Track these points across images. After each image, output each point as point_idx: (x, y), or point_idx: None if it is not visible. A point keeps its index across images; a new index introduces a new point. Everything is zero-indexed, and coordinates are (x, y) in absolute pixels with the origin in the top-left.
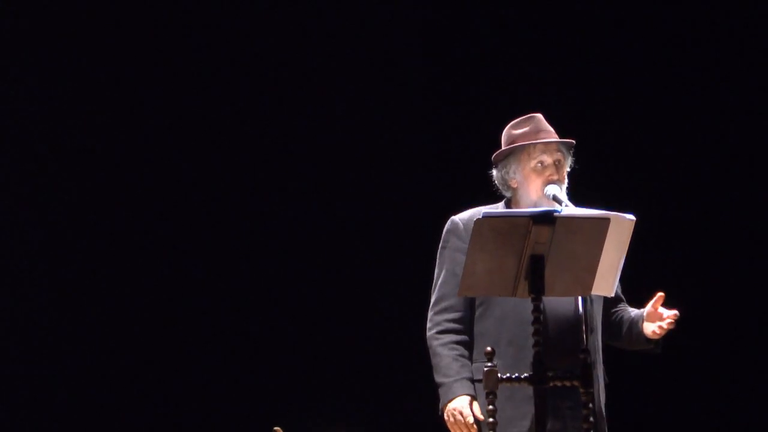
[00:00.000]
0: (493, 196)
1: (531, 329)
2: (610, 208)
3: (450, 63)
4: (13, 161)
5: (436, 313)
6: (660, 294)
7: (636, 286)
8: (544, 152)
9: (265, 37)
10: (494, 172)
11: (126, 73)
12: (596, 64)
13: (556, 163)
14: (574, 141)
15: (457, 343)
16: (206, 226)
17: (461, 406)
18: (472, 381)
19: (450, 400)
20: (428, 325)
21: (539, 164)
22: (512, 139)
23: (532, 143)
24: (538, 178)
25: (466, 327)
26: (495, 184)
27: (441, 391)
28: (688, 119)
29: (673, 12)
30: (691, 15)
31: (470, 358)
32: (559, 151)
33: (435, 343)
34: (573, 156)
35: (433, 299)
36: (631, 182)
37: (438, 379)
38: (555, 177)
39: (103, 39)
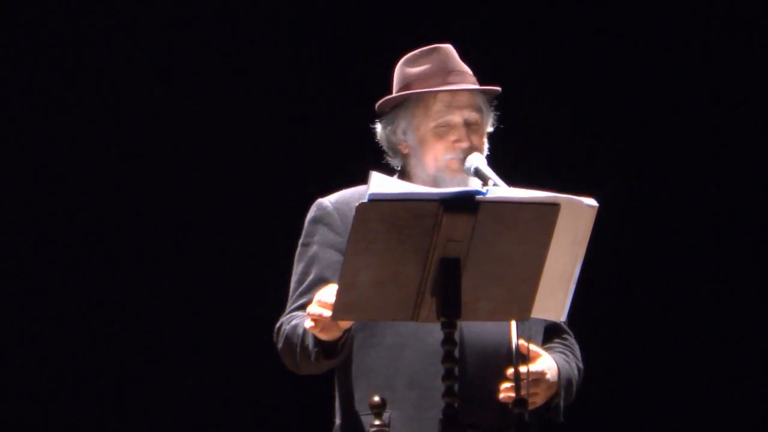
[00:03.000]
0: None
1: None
2: (561, 190)
3: None
4: None
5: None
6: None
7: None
8: (449, 106)
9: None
10: (378, 127)
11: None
12: None
13: (468, 123)
14: (498, 89)
15: None
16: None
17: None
18: None
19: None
20: (275, 338)
21: (442, 125)
22: (406, 81)
23: (431, 92)
24: (437, 143)
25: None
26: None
27: (302, 346)
28: (662, 66)
29: None
30: None
31: (348, 410)
32: (472, 105)
33: (285, 329)
34: (496, 111)
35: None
36: (592, 152)
37: (293, 349)
38: (464, 144)
39: None
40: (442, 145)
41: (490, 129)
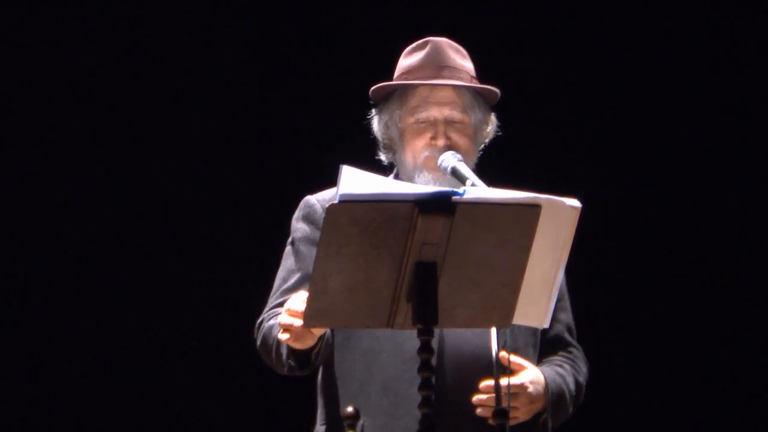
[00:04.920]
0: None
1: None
2: (543, 190)
3: None
4: None
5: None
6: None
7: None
8: (427, 101)
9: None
10: (374, 118)
11: None
12: None
13: (450, 122)
14: (496, 90)
15: None
16: None
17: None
18: None
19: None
20: (255, 333)
21: (421, 121)
22: (398, 73)
23: (411, 84)
24: (415, 139)
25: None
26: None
27: (276, 353)
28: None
29: None
30: None
31: (327, 414)
32: (455, 103)
33: (264, 327)
34: (495, 116)
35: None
36: (576, 152)
37: (269, 351)
38: (440, 142)
39: None
40: (420, 141)
41: (488, 132)
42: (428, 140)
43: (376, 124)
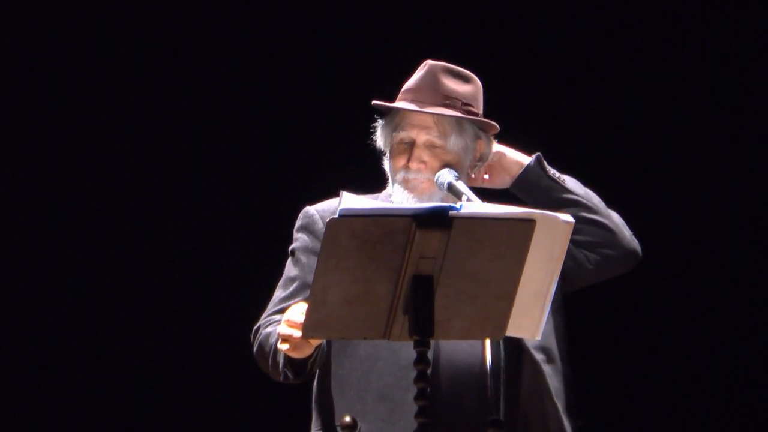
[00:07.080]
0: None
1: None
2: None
3: None
4: None
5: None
6: None
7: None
8: (406, 123)
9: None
10: (378, 129)
11: None
12: None
13: (429, 146)
14: (496, 125)
15: None
16: None
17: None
18: None
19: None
20: (251, 339)
21: (403, 141)
22: (401, 90)
23: (394, 107)
24: (395, 158)
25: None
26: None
27: (273, 360)
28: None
29: None
30: None
31: (323, 420)
32: (434, 128)
33: (261, 334)
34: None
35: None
36: (577, 162)
37: (265, 358)
38: (413, 165)
39: None
40: (399, 161)
41: (481, 155)
42: (405, 162)
43: (377, 135)
